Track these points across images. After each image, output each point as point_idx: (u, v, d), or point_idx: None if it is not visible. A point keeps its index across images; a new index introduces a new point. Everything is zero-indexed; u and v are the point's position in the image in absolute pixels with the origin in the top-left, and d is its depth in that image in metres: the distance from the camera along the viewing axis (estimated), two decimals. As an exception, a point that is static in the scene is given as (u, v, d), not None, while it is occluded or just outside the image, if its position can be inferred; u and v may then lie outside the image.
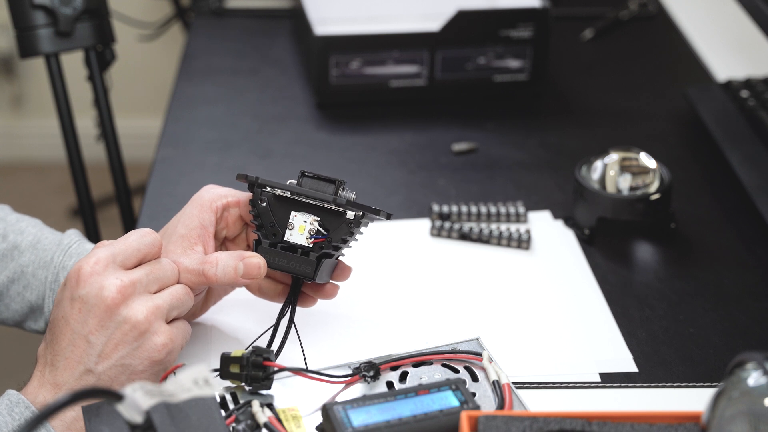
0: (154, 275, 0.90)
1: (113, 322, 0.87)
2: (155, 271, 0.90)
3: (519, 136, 1.39)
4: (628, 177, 1.15)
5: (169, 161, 1.34)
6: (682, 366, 0.99)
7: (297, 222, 0.95)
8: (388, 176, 1.30)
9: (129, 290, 0.88)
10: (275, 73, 1.55)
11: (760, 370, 0.76)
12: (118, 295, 0.87)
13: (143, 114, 2.83)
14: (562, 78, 1.53)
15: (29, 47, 1.41)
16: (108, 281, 0.88)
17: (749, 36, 1.58)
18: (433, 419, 0.85)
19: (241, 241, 1.00)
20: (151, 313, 0.88)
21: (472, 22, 1.42)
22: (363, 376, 0.93)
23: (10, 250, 1.01)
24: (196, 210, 0.96)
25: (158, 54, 2.81)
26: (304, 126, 1.41)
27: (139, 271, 0.90)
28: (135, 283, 0.88)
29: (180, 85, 1.51)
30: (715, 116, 1.36)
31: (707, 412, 0.79)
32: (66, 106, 1.46)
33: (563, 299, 1.08)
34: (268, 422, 0.86)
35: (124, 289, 0.88)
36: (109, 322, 0.87)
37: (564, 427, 0.81)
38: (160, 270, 0.91)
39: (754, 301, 1.09)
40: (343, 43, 1.40)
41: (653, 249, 1.17)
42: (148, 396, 0.75)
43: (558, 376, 0.97)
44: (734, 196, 1.24)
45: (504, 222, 1.19)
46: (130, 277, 0.88)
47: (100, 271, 0.88)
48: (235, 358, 0.90)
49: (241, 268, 0.93)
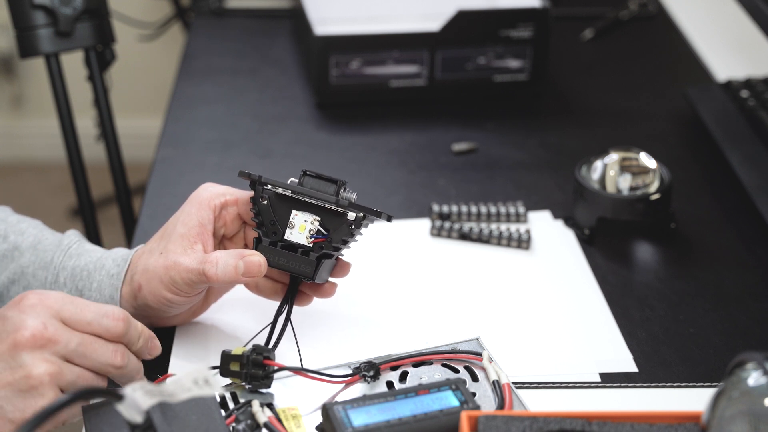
0: (84, 349, 0.84)
1: (12, 360, 0.82)
2: (89, 346, 0.85)
3: (519, 136, 1.39)
4: (628, 177, 1.15)
5: (169, 161, 1.34)
6: (682, 366, 0.99)
7: (297, 221, 0.95)
8: (388, 176, 1.30)
9: (44, 341, 0.82)
10: (275, 73, 1.55)
11: (760, 370, 0.76)
12: (31, 338, 0.82)
13: (143, 114, 2.83)
14: (562, 78, 1.53)
15: (29, 47, 1.41)
16: (34, 321, 0.83)
17: (749, 36, 1.58)
18: (433, 419, 0.85)
19: (239, 239, 1.00)
20: (49, 374, 0.82)
21: (472, 22, 1.42)
22: (363, 376, 0.93)
23: (10, 251, 1.01)
24: (195, 209, 0.96)
25: (158, 54, 2.81)
26: (304, 126, 1.41)
27: (73, 335, 0.84)
28: (57, 341, 0.83)
29: (180, 85, 1.51)
30: (715, 116, 1.36)
31: (707, 412, 0.79)
32: (66, 106, 1.46)
33: (563, 299, 1.08)
34: (268, 422, 0.86)
35: (40, 337, 0.82)
36: (7, 357, 0.82)
37: (564, 427, 0.81)
38: (93, 349, 0.85)
39: (754, 301, 1.09)
40: (343, 43, 1.40)
41: (653, 249, 1.17)
42: (148, 396, 0.75)
43: (558, 376, 0.97)
44: (734, 196, 1.25)
45: (504, 222, 1.19)
46: (56, 333, 0.83)
47: (40, 309, 0.84)
48: (235, 356, 0.90)
49: (241, 267, 0.93)
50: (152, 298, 0.95)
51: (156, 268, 0.94)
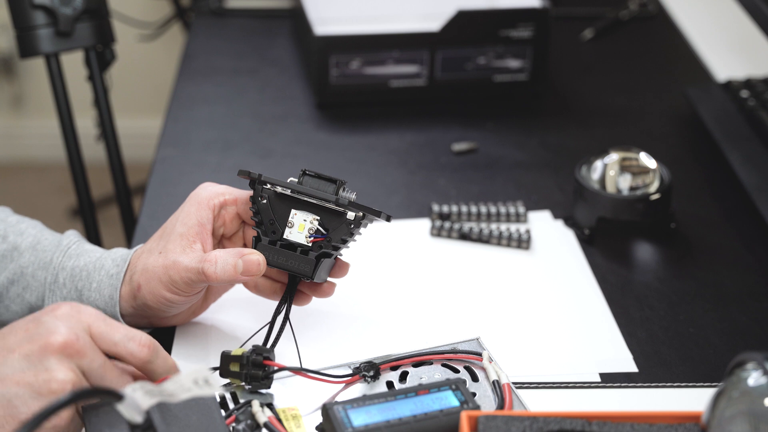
0: (103, 373, 0.83)
1: (39, 362, 0.81)
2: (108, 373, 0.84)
3: (519, 136, 1.39)
4: (628, 177, 1.15)
5: (169, 161, 1.34)
6: (682, 366, 0.99)
7: (297, 220, 0.95)
8: (388, 176, 1.30)
9: (74, 351, 0.81)
10: (275, 73, 1.55)
11: (760, 370, 0.76)
12: (63, 344, 0.81)
13: (143, 114, 2.83)
14: (562, 78, 1.53)
15: (29, 47, 1.41)
16: (68, 330, 0.82)
17: (749, 36, 1.58)
18: (433, 419, 0.85)
19: (237, 239, 1.00)
20: (72, 383, 0.81)
21: (472, 22, 1.42)
22: (363, 376, 0.93)
23: (9, 251, 1.01)
24: (194, 208, 0.96)
25: (158, 54, 2.81)
26: (304, 126, 1.41)
27: (98, 355, 0.83)
28: (85, 354, 0.82)
29: (180, 85, 1.51)
30: (715, 116, 1.36)
31: (707, 412, 0.79)
32: (66, 106, 1.46)
33: (563, 299, 1.08)
34: (268, 422, 0.86)
35: (71, 346, 0.81)
36: (34, 358, 0.81)
37: (564, 427, 0.81)
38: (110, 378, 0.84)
39: (754, 301, 1.09)
40: (343, 43, 1.40)
41: (653, 249, 1.17)
42: (148, 396, 0.75)
43: (558, 376, 0.97)
44: (734, 196, 1.24)
45: (504, 222, 1.19)
46: (86, 347, 0.82)
47: (74, 320, 0.83)
48: (235, 356, 0.90)
49: (240, 266, 0.93)
50: (151, 297, 0.95)
51: (155, 268, 0.94)
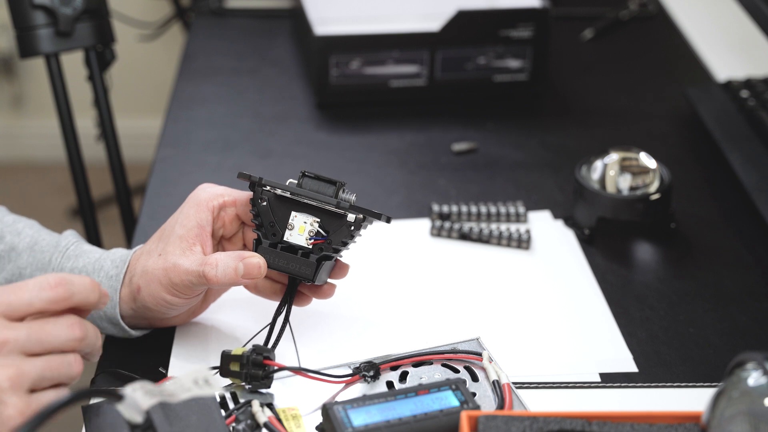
0: (37, 336, 0.77)
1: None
2: (41, 331, 0.78)
3: (519, 136, 1.39)
4: (628, 177, 1.15)
5: (169, 161, 1.34)
6: (682, 366, 0.99)
7: (297, 222, 0.95)
8: (388, 176, 1.30)
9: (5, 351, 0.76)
10: (275, 73, 1.55)
11: (760, 370, 0.76)
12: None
13: (143, 114, 2.83)
14: (562, 78, 1.53)
15: (29, 47, 1.41)
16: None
17: (749, 36, 1.58)
18: (433, 419, 0.85)
19: (237, 240, 1.00)
20: (8, 379, 0.75)
21: (472, 22, 1.42)
22: (363, 376, 0.93)
23: (7, 252, 1.00)
24: (193, 210, 0.96)
25: (158, 54, 2.81)
26: (304, 126, 1.41)
27: (20, 328, 0.77)
28: (5, 341, 0.76)
29: (180, 85, 1.51)
30: (715, 116, 1.36)
31: (707, 412, 0.79)
32: (66, 106, 1.46)
33: (563, 299, 1.08)
34: (268, 422, 0.86)
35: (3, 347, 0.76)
36: None
37: (564, 427, 0.81)
38: (47, 332, 0.78)
39: (754, 301, 1.09)
40: (343, 43, 1.40)
41: (653, 249, 1.17)
42: (148, 396, 0.75)
43: (558, 376, 0.97)
44: (734, 196, 1.24)
45: (504, 222, 1.19)
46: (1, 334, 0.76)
47: None
48: (235, 356, 0.90)
49: (241, 269, 0.93)
50: (151, 299, 0.94)
51: (155, 270, 0.94)
